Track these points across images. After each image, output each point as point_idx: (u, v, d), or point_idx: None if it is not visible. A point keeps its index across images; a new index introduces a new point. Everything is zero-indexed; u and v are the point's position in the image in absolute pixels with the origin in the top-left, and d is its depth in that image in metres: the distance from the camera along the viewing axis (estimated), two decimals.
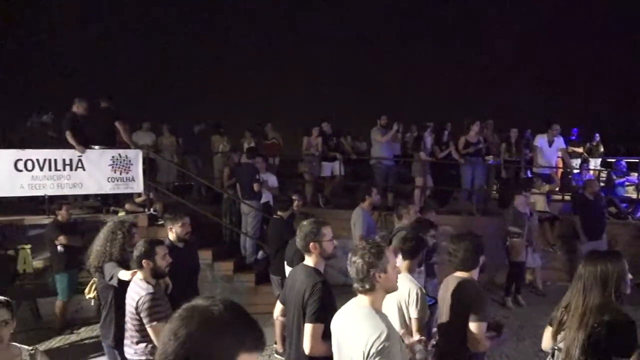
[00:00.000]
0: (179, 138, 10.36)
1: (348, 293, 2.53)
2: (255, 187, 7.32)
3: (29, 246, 6.55)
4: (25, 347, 2.64)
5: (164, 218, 5.86)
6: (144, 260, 3.44)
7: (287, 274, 4.99)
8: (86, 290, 4.64)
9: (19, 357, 2.56)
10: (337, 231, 3.52)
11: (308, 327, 2.75)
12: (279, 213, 5.96)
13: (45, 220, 6.50)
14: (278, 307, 3.31)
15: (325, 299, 2.79)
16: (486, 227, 7.23)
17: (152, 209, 7.27)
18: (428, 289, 4.22)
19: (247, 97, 11.04)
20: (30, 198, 6.98)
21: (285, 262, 5.10)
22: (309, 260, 3.00)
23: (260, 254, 7.53)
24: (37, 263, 6.59)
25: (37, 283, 6.51)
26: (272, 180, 8.16)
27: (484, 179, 8.79)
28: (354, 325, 2.36)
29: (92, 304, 4.76)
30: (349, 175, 9.39)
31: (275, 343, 5.39)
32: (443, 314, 3.23)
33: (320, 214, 7.04)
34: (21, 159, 6.66)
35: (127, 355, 3.64)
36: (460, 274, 3.15)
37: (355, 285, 2.40)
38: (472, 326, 2.93)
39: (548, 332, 2.75)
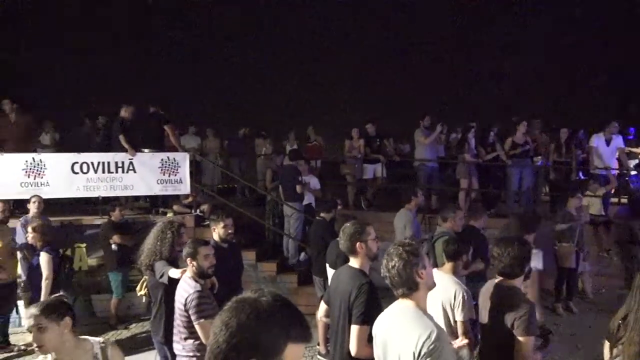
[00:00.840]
0: (224, 141, 10.62)
1: (391, 297, 2.51)
2: (298, 188, 7.38)
3: (84, 245, 6.87)
4: (97, 339, 2.69)
5: (209, 219, 6.04)
6: (189, 260, 3.55)
7: (328, 275, 5.03)
8: (138, 288, 4.82)
9: (90, 351, 2.60)
10: (379, 234, 3.49)
11: (354, 329, 2.75)
12: (321, 215, 6.00)
13: (99, 220, 6.83)
14: (322, 308, 3.33)
15: (372, 301, 2.77)
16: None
17: (198, 210, 7.48)
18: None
19: (289, 100, 11.16)
20: (86, 199, 7.35)
21: (327, 264, 5.12)
22: (354, 262, 2.99)
23: (303, 255, 7.59)
24: (92, 261, 6.91)
25: (91, 280, 6.83)
26: (314, 182, 8.21)
27: (533, 181, 8.49)
28: (401, 327, 2.32)
29: (143, 300, 4.95)
30: (391, 178, 9.29)
31: (318, 344, 5.41)
32: (484, 320, 3.12)
33: (362, 217, 7.01)
34: (77, 162, 7.04)
35: (175, 351, 3.76)
36: (503, 281, 2.96)
37: (399, 290, 2.36)
38: (520, 341, 2.71)
39: (607, 347, 2.60)
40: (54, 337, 2.46)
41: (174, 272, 3.92)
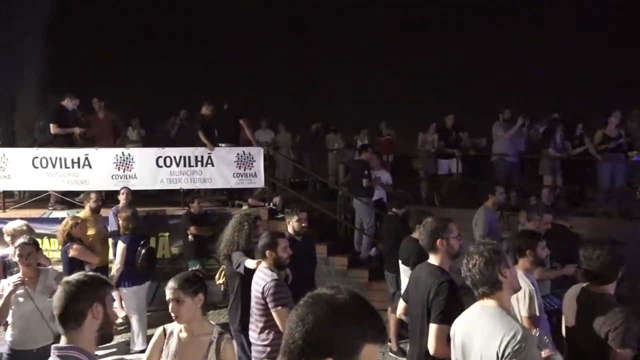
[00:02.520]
0: (296, 135, 10.77)
1: (466, 295, 2.41)
2: (364, 183, 7.35)
3: (167, 234, 7.29)
4: (218, 327, 2.82)
5: (283, 212, 6.16)
6: (267, 251, 3.62)
7: (401, 272, 4.94)
8: (216, 277, 5.02)
9: (209, 335, 2.72)
10: None
11: (433, 328, 2.68)
12: (393, 210, 5.90)
13: (181, 211, 7.22)
14: (400, 305, 3.27)
15: (452, 300, 2.69)
16: (628, 232, 6.38)
17: (271, 203, 7.66)
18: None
19: (363, 94, 11.07)
20: (168, 191, 7.78)
21: (400, 261, 5.03)
22: (434, 259, 2.91)
23: (374, 250, 7.54)
24: (174, 249, 7.31)
25: (173, 267, 7.21)
26: (385, 177, 8.13)
27: (626, 178, 7.78)
28: (483, 327, 2.22)
29: (222, 289, 5.14)
30: (467, 173, 8.92)
31: (390, 341, 5.35)
32: (569, 323, 2.87)
33: (436, 213, 6.81)
34: (161, 156, 7.46)
35: (251, 339, 3.86)
36: (592, 286, 2.69)
37: (480, 289, 2.26)
38: (616, 353, 2.46)
39: None
40: (188, 310, 2.65)
41: (250, 263, 4.04)
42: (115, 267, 5.61)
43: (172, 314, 2.69)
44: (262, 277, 3.56)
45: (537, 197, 7.71)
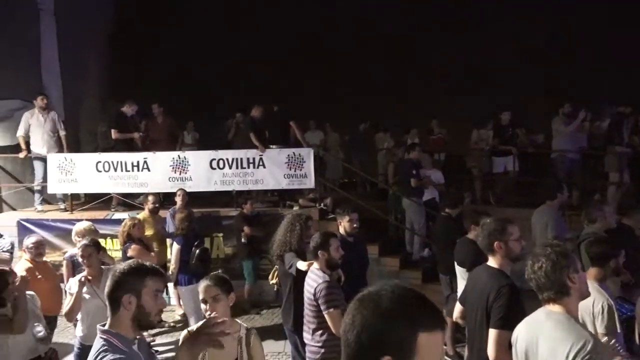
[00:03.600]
0: (345, 136, 10.75)
1: (529, 299, 2.30)
2: (413, 182, 7.22)
3: (221, 234, 7.48)
4: (244, 325, 2.93)
5: (333, 212, 6.17)
6: (319, 252, 3.62)
7: (457, 274, 4.80)
8: (270, 277, 5.10)
9: (237, 332, 2.82)
10: None
11: (493, 333, 2.57)
12: (447, 210, 5.74)
13: (233, 212, 7.39)
14: (457, 309, 3.17)
15: (513, 304, 2.57)
16: None
17: (322, 204, 7.68)
18: None
19: (413, 92, 10.85)
20: (221, 192, 7.98)
21: (455, 262, 4.89)
22: (493, 261, 2.80)
23: (426, 251, 7.39)
24: (228, 249, 7.49)
25: (227, 267, 7.39)
26: (437, 176, 7.95)
27: None
28: (549, 334, 2.11)
29: (275, 289, 5.21)
30: (524, 171, 8.53)
31: (445, 344, 5.21)
32: None
33: (491, 213, 6.57)
34: (215, 159, 7.67)
35: (305, 340, 3.88)
36: None
37: (546, 294, 2.15)
38: None
39: None
40: (224, 308, 2.75)
41: (301, 265, 4.06)
42: (172, 267, 5.80)
43: (208, 313, 2.74)
44: (314, 279, 3.56)
45: (601, 195, 7.27)
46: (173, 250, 5.84)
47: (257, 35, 11.37)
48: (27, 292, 3.85)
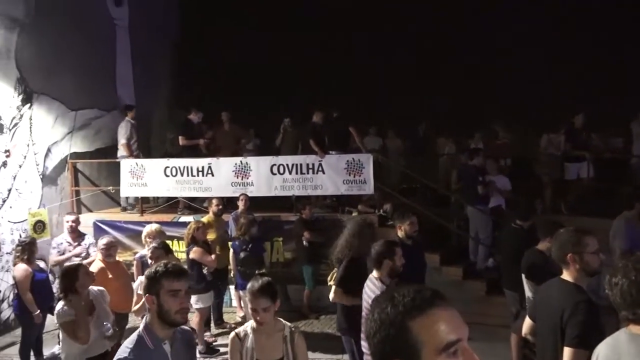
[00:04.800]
0: (405, 141, 10.56)
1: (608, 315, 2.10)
2: (479, 189, 6.95)
3: (281, 239, 7.58)
4: (288, 324, 2.99)
5: (393, 218, 6.07)
6: (385, 259, 3.58)
7: (525, 287, 4.53)
8: (328, 278, 5.06)
9: (282, 332, 2.91)
10: None
11: (568, 352, 2.39)
12: (518, 222, 5.37)
13: (293, 217, 7.47)
14: (526, 324, 2.98)
15: (590, 321, 2.37)
16: None
17: (382, 210, 7.58)
18: None
19: (476, 95, 10.45)
20: (282, 197, 8.09)
21: (523, 274, 4.61)
22: (567, 275, 2.60)
23: (491, 261, 7.07)
24: (287, 254, 7.57)
25: (286, 271, 7.48)
26: (503, 182, 7.58)
27: None
28: (633, 358, 1.92)
29: None
30: (599, 178, 7.94)
31: None
32: None
33: (565, 223, 6.16)
34: (275, 164, 7.81)
35: (363, 349, 3.84)
36: None
37: (624, 313, 1.96)
38: None
39: None
40: (271, 315, 2.85)
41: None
42: (233, 271, 5.95)
43: (257, 322, 2.82)
44: (373, 289, 3.51)
45: None
46: (231, 254, 5.99)
47: (319, 41, 11.46)
48: (97, 287, 4.09)
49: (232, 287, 7.35)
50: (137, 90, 10.67)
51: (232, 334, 2.93)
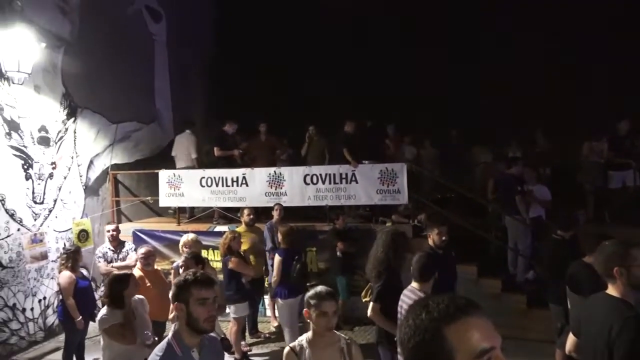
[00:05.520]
0: (439, 149, 10.39)
1: None
2: (517, 199, 6.76)
3: (314, 249, 7.58)
4: (343, 335, 2.97)
5: (426, 228, 5.97)
6: (434, 274, 3.55)
7: (569, 301, 4.36)
8: (362, 294, 5.02)
9: (338, 343, 2.88)
10: None
11: None
12: (559, 233, 5.20)
13: (326, 227, 7.46)
14: (570, 340, 2.86)
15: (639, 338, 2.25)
16: None
17: (416, 220, 7.47)
18: None
19: (516, 101, 10.16)
20: (315, 207, 8.11)
21: (568, 288, 4.43)
22: (613, 289, 2.48)
23: (531, 273, 6.84)
24: (321, 264, 7.56)
25: (321, 282, 7.43)
26: (542, 192, 7.35)
27: None
28: None
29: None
30: None
31: None
32: None
33: (609, 233, 5.90)
34: (308, 174, 7.84)
35: (399, 357, 3.77)
36: None
37: None
38: None
39: None
40: (336, 318, 2.86)
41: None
42: (273, 279, 5.94)
43: (327, 327, 2.81)
44: (411, 298, 3.45)
45: None
46: (275, 263, 5.96)
47: (352, 51, 11.49)
48: (138, 296, 4.18)
49: (266, 297, 7.39)
50: (174, 103, 10.99)
51: (287, 349, 2.92)
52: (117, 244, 6.64)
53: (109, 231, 6.69)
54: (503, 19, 10.82)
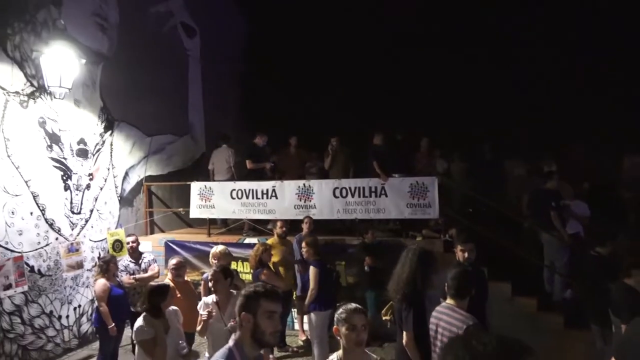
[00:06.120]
0: (471, 163, 10.19)
1: None
2: (553, 215, 6.53)
3: (343, 262, 7.51)
4: (374, 355, 2.90)
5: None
6: (471, 291, 3.46)
7: (612, 324, 4.16)
8: (383, 311, 4.88)
9: None
10: None
11: None
12: (597, 250, 5.02)
13: (355, 241, 7.39)
14: None
15: None
16: None
17: (447, 235, 7.32)
18: None
19: (549, 112, 9.90)
20: (346, 220, 8.06)
21: (610, 311, 4.23)
22: None
23: (569, 292, 6.58)
24: (350, 278, 7.48)
25: (349, 295, 7.35)
26: (580, 207, 7.10)
27: None
28: None
29: (388, 326, 4.97)
30: None
31: None
32: None
33: None
34: (338, 187, 7.82)
35: None
36: None
37: None
38: None
39: None
40: (367, 333, 2.78)
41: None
42: (311, 292, 5.83)
43: (357, 342, 2.73)
44: (460, 319, 3.30)
45: None
46: (311, 275, 5.86)
47: (383, 65, 11.49)
48: (172, 307, 4.23)
49: (294, 310, 7.37)
50: (207, 116, 11.23)
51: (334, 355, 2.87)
52: (137, 255, 6.75)
53: (129, 243, 6.82)
54: (537, 31, 10.61)
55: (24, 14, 6.52)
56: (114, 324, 5.64)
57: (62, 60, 6.37)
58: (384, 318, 4.92)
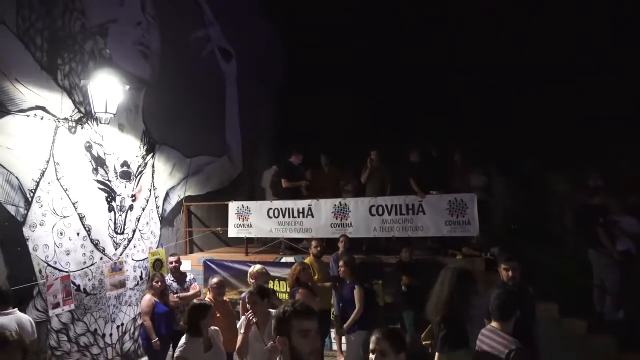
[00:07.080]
0: (512, 178, 9.90)
1: None
2: (600, 232, 6.24)
3: (381, 282, 7.40)
4: None
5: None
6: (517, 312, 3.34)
7: None
8: (423, 336, 4.74)
9: None
10: None
11: None
12: None
13: (393, 260, 7.28)
14: None
15: None
16: None
17: (489, 254, 7.10)
18: None
19: (593, 122, 9.53)
20: (378, 239, 7.96)
21: None
22: None
23: (622, 313, 6.22)
24: (387, 298, 7.35)
25: (387, 316, 7.22)
26: (630, 223, 6.74)
27: None
28: None
29: (430, 351, 4.82)
30: None
31: None
32: None
33: None
34: (374, 205, 7.76)
35: None
36: None
37: None
38: None
39: None
40: None
41: None
42: (356, 313, 5.79)
43: None
44: (503, 343, 3.18)
45: None
46: (357, 295, 5.83)
47: (419, 83, 11.44)
48: (213, 327, 4.27)
49: (332, 331, 7.28)
50: (244, 137, 11.46)
51: None
52: (180, 275, 6.87)
53: (171, 263, 6.96)
54: (569, 45, 10.33)
55: (73, 45, 6.91)
56: (157, 339, 5.77)
57: (107, 87, 6.68)
58: (424, 343, 4.75)
